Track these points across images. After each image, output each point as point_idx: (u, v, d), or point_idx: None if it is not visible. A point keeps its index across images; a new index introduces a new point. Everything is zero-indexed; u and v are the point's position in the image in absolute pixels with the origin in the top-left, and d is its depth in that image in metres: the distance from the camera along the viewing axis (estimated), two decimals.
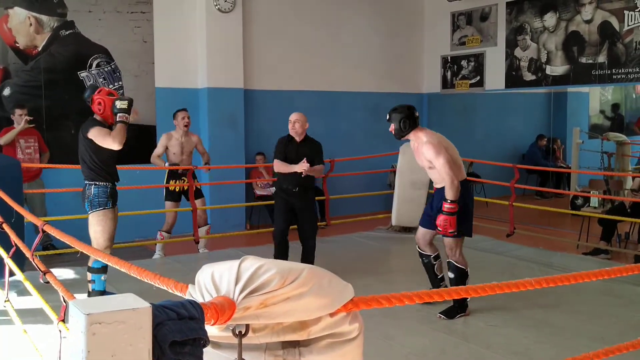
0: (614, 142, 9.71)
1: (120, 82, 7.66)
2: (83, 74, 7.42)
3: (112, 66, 7.60)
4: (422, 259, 4.70)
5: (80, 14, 7.39)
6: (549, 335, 4.05)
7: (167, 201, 6.47)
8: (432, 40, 10.01)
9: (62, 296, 2.53)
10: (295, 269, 1.41)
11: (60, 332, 2.65)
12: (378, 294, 1.68)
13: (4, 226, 3.78)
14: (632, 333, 3.70)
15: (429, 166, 4.37)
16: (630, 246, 6.94)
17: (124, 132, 4.29)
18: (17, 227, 4.39)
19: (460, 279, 4.38)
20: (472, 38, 9.40)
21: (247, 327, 1.39)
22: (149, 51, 7.83)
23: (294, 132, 5.24)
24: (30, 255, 3.16)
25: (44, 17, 7.19)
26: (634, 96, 12.12)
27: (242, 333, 1.39)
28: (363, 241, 7.08)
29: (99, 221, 4.39)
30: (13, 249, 3.63)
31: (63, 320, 2.64)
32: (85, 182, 4.44)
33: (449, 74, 9.79)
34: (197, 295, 1.42)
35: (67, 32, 7.32)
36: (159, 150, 6.43)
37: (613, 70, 7.71)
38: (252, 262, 1.39)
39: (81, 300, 1.21)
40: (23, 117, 6.42)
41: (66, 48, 7.33)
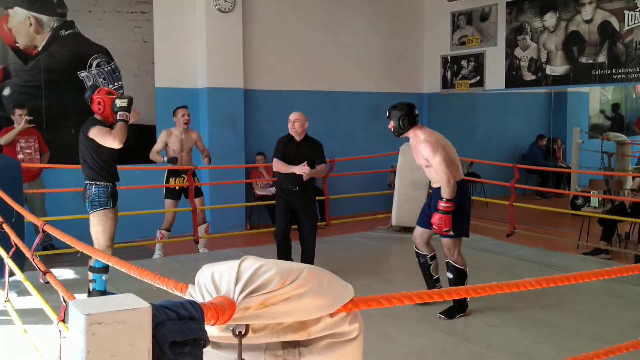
0: (614, 142, 9.70)
1: (120, 82, 7.66)
2: (83, 74, 7.42)
3: (112, 66, 7.60)
4: (418, 259, 4.69)
5: (80, 13, 7.39)
6: (549, 335, 4.05)
7: (167, 199, 6.46)
8: (432, 40, 10.01)
9: (62, 296, 2.53)
10: (295, 269, 1.41)
11: (60, 332, 2.65)
12: (378, 294, 1.67)
13: (4, 226, 3.78)
14: (632, 333, 3.69)
15: (425, 165, 4.36)
16: (631, 246, 6.93)
17: (124, 131, 4.31)
18: (17, 227, 4.39)
19: (459, 279, 4.38)
20: (472, 38, 9.40)
21: (247, 327, 1.39)
22: (149, 51, 7.83)
23: (293, 131, 5.24)
24: (30, 255, 3.16)
25: (44, 17, 7.19)
26: (634, 96, 12.11)
27: (242, 333, 1.39)
28: (363, 241, 7.08)
29: (100, 221, 4.40)
30: (13, 249, 3.63)
31: (63, 321, 2.64)
32: (86, 182, 4.45)
33: (449, 74, 9.79)
34: (197, 296, 1.41)
35: (67, 32, 7.32)
36: (158, 146, 6.42)
37: (613, 70, 7.71)
38: (252, 262, 1.39)
39: (81, 300, 1.21)
40: (23, 117, 6.42)
41: (66, 48, 7.33)
